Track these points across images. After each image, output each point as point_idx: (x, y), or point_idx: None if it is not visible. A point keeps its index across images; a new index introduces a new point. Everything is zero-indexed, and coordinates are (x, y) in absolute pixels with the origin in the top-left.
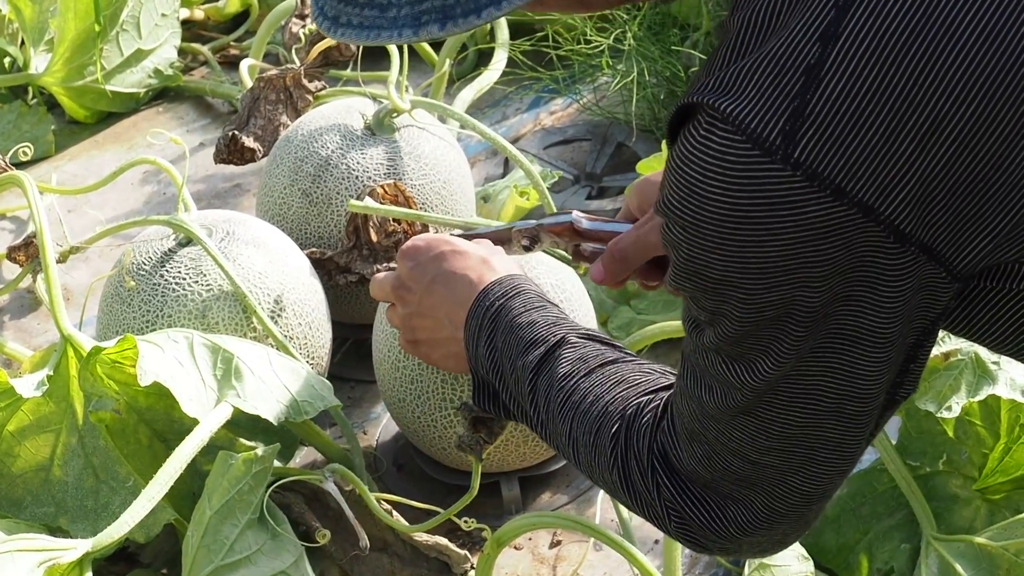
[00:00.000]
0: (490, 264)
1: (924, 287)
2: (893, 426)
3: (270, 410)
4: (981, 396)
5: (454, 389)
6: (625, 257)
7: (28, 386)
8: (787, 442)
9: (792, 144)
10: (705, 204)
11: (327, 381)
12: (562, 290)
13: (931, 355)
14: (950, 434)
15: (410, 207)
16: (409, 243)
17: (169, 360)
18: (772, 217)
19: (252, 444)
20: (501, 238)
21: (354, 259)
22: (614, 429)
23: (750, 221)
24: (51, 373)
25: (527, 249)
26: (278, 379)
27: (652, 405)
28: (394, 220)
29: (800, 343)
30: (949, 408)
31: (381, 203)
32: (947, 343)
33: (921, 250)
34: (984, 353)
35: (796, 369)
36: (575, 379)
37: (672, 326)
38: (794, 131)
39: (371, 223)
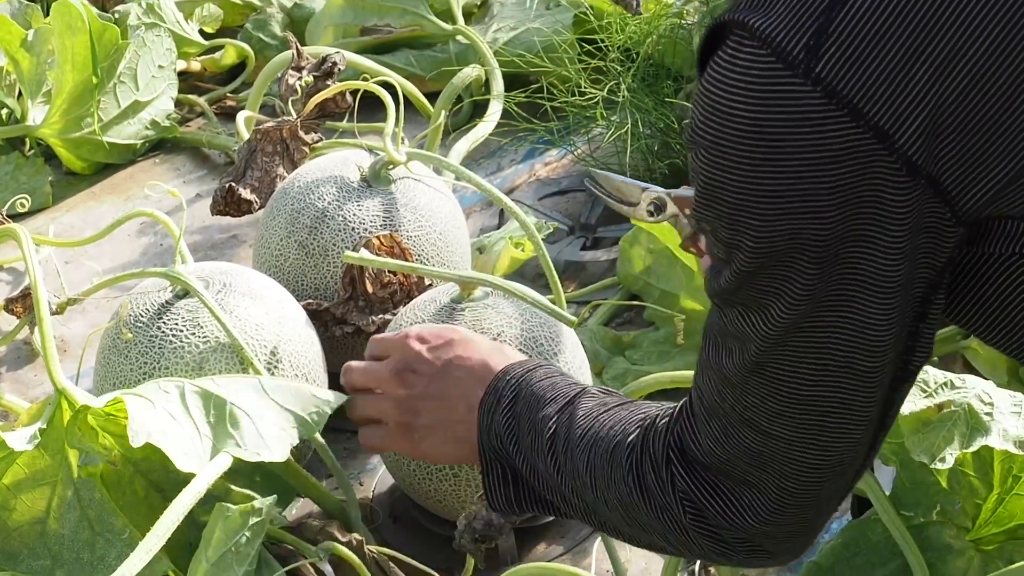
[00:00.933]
0: (504, 352)
1: (929, 229)
2: (887, 477)
3: (272, 452)
4: (974, 447)
5: None
6: None
7: (21, 439)
8: (797, 406)
9: (814, 60)
10: (727, 121)
11: (326, 390)
12: (556, 342)
13: (925, 406)
14: (944, 485)
15: (406, 259)
16: (416, 329)
17: (161, 415)
18: (789, 134)
19: (248, 494)
20: (630, 193)
21: (350, 310)
22: (631, 439)
23: (768, 137)
24: (44, 427)
25: (650, 215)
26: (276, 404)
27: (668, 410)
28: (390, 272)
29: (811, 284)
30: (943, 460)
31: (377, 255)
32: (940, 395)
33: (929, 184)
34: (977, 404)
35: (807, 319)
36: (592, 417)
37: (667, 376)
38: (817, 47)
39: (367, 274)
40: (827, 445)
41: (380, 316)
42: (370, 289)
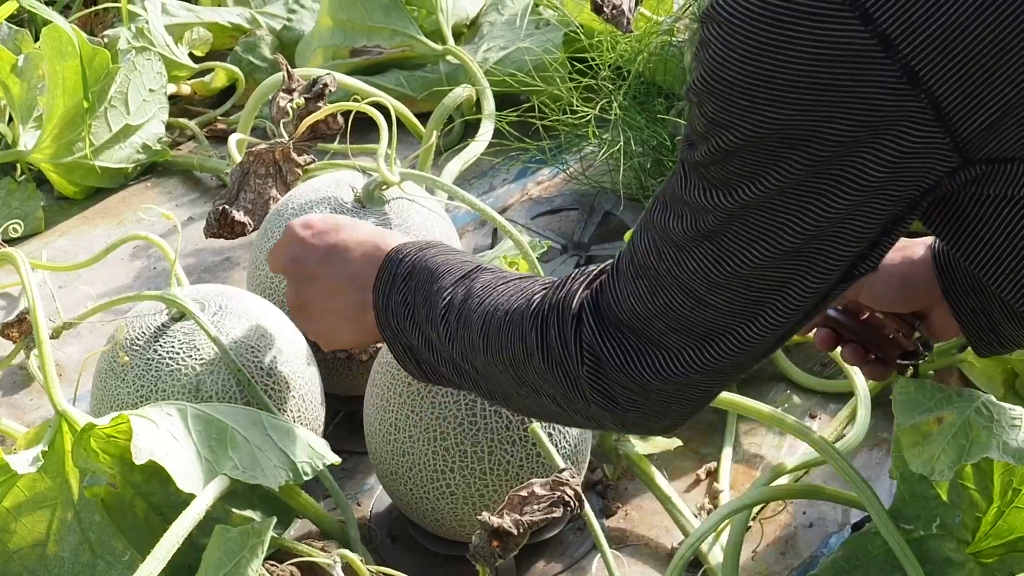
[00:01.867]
0: (391, 234)
1: (925, 153)
2: (887, 490)
3: (270, 477)
4: (973, 459)
5: (445, 461)
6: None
7: (23, 462)
8: (739, 280)
9: None
10: (743, 9)
11: (323, 439)
12: None
13: (924, 419)
14: (943, 498)
15: None
16: (303, 217)
17: (163, 435)
18: (798, 25)
19: (248, 515)
20: None
21: None
22: (535, 300)
23: (776, 24)
24: (46, 449)
25: None
26: (274, 443)
27: (584, 271)
28: None
29: (790, 179)
30: (942, 472)
31: None
32: (940, 408)
33: (930, 103)
34: (976, 417)
35: (773, 200)
36: (491, 287)
37: None
38: None
39: None
40: (755, 319)
41: (374, 347)
42: None
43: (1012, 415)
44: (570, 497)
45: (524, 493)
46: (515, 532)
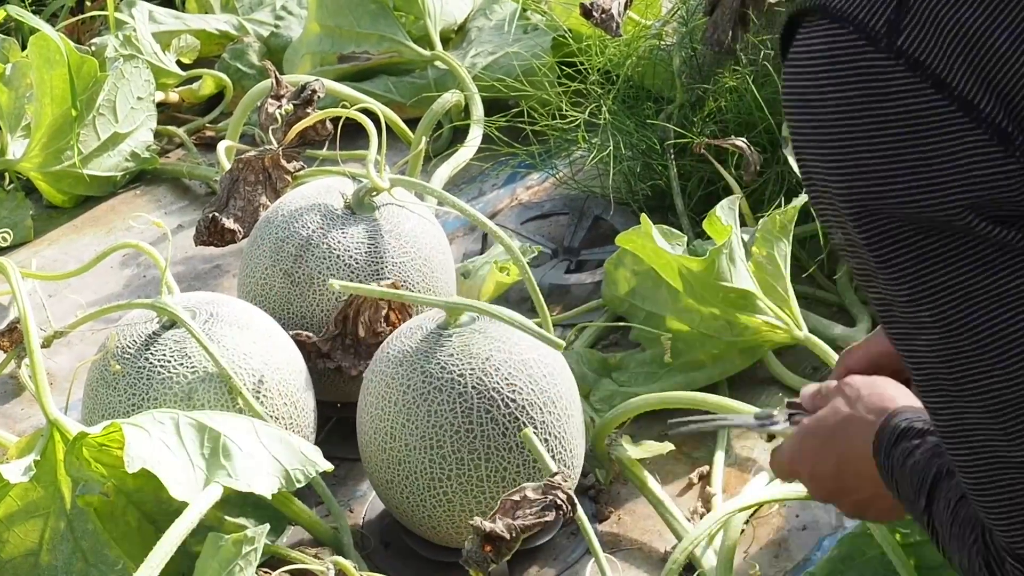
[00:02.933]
0: (868, 424)
1: None
2: None
3: (263, 485)
4: None
5: (442, 469)
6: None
7: (15, 471)
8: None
9: (896, 32)
10: (818, 106)
11: (315, 446)
12: (544, 364)
13: None
14: None
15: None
16: (799, 463)
17: (156, 443)
18: (879, 110)
19: (241, 524)
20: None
21: (336, 348)
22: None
23: (859, 114)
24: (38, 458)
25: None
26: (266, 451)
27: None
28: (384, 322)
29: (930, 262)
30: None
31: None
32: None
33: None
34: None
35: (963, 310)
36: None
37: (655, 398)
38: (898, 20)
39: (361, 319)
40: None
41: (364, 363)
42: (361, 333)
43: None
44: (562, 500)
45: (516, 497)
46: (508, 536)
